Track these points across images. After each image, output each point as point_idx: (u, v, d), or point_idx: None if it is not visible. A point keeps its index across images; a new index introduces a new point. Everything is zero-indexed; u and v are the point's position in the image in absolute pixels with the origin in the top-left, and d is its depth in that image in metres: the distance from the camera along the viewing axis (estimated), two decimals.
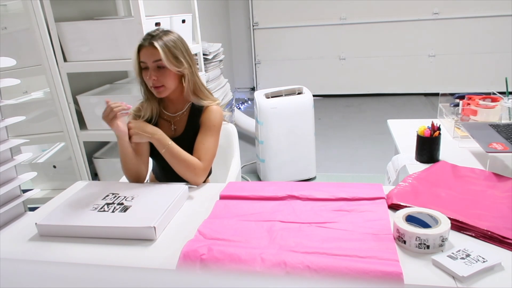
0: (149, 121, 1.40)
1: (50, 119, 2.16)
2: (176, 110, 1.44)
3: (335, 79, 5.12)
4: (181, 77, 1.36)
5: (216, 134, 1.41)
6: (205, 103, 1.41)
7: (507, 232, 0.93)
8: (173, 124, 1.44)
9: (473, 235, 0.96)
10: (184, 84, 1.36)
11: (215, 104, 1.43)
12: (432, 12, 4.62)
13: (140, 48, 1.30)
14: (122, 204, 1.16)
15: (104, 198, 1.21)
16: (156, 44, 1.26)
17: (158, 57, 1.27)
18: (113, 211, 1.12)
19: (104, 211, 1.13)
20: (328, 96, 5.16)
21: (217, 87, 3.16)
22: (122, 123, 1.28)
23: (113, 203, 1.17)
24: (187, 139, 1.41)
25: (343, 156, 3.35)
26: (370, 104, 4.78)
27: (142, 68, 1.33)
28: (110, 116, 1.25)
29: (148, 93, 1.40)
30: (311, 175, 2.87)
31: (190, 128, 1.42)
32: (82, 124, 2.13)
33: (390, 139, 1.78)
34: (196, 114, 1.42)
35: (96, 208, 1.15)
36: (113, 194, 1.23)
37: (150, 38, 1.29)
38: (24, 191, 1.55)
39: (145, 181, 1.43)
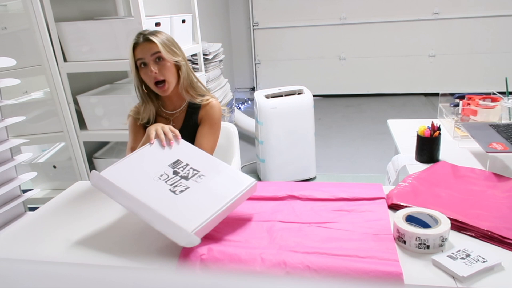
0: (147, 123, 1.41)
1: (50, 119, 2.16)
2: (175, 107, 1.44)
3: (335, 79, 5.12)
4: (178, 71, 1.38)
5: (217, 130, 1.44)
6: (203, 98, 1.43)
7: (507, 232, 0.93)
8: (171, 121, 1.44)
9: (473, 235, 0.96)
10: (180, 77, 1.38)
11: (214, 99, 1.45)
12: (432, 12, 4.62)
13: (135, 46, 1.31)
14: (186, 177, 1.09)
15: (175, 163, 1.14)
16: (152, 38, 1.30)
17: (156, 49, 1.29)
18: (172, 188, 1.05)
19: (165, 181, 1.07)
20: (328, 96, 5.15)
21: (217, 87, 3.16)
22: None
23: (178, 174, 1.10)
24: (185, 135, 1.43)
25: (343, 156, 3.35)
26: (370, 104, 4.78)
27: (138, 69, 1.33)
28: (160, 136, 1.20)
29: (145, 96, 1.40)
30: (311, 175, 2.87)
31: (188, 124, 1.44)
32: (82, 124, 2.13)
33: (390, 139, 1.78)
34: (194, 111, 1.44)
35: (160, 177, 1.08)
36: (184, 162, 1.14)
37: (143, 35, 1.31)
38: (24, 191, 1.55)
39: None
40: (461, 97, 1.77)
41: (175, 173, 1.10)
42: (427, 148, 1.40)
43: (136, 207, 1.00)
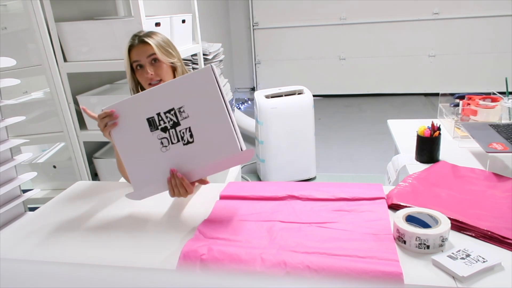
0: None
1: (50, 119, 2.16)
2: None
3: (335, 79, 5.12)
4: (173, 71, 1.37)
5: None
6: None
7: (507, 232, 0.93)
8: None
9: (473, 235, 0.96)
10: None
11: None
12: (432, 12, 4.62)
13: (130, 49, 1.30)
14: (176, 123, 1.02)
15: (151, 124, 1.04)
16: (147, 40, 1.29)
17: (151, 51, 1.29)
18: (183, 141, 1.02)
19: (172, 143, 1.03)
20: (328, 96, 5.16)
21: None
22: None
23: (168, 128, 1.03)
24: None
25: (343, 156, 3.35)
26: (370, 104, 4.78)
27: (133, 71, 1.33)
28: (106, 129, 1.21)
29: None
30: (311, 175, 2.87)
31: None
32: (82, 124, 2.13)
33: (390, 139, 1.78)
34: None
35: (162, 145, 1.03)
36: (153, 115, 1.04)
37: (139, 37, 1.31)
38: (24, 191, 1.55)
39: None
40: (461, 97, 1.77)
41: (164, 129, 1.03)
42: (427, 148, 1.40)
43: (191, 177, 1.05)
